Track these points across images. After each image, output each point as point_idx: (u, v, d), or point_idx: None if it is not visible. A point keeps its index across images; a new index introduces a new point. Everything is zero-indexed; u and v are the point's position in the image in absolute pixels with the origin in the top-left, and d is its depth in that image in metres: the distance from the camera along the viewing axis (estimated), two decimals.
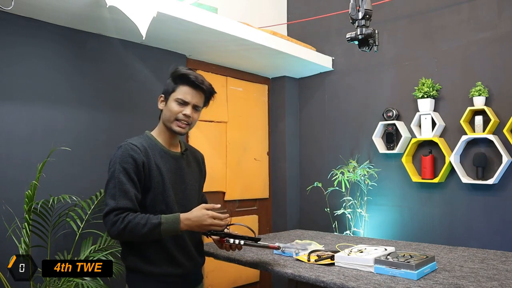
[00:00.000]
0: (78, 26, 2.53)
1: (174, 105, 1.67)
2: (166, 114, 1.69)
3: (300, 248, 1.98)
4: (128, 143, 1.62)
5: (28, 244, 2.07)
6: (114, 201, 1.51)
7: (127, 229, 1.49)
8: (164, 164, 1.65)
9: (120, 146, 1.62)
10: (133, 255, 1.60)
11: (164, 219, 1.53)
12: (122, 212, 1.51)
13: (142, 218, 1.51)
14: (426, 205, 3.14)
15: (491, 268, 1.66)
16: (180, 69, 1.69)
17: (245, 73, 3.74)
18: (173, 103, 1.67)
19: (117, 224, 1.49)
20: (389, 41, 3.38)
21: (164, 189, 1.62)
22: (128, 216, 1.50)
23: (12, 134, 2.29)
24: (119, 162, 1.57)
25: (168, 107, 1.68)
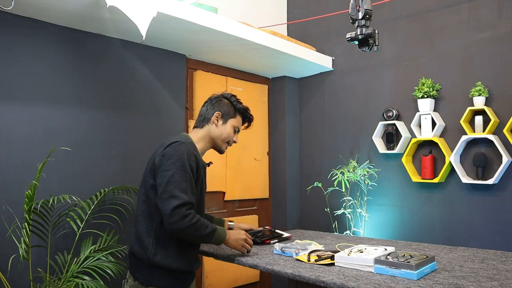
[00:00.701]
0: (78, 26, 2.53)
1: (231, 130, 1.91)
2: (221, 134, 1.89)
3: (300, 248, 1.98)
4: (189, 142, 1.74)
5: (28, 244, 2.07)
6: (186, 195, 1.61)
7: (196, 225, 1.62)
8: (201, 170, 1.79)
9: (182, 143, 1.71)
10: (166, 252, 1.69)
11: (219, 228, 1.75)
12: (191, 208, 1.63)
13: (205, 221, 1.69)
14: (426, 205, 3.14)
15: (491, 268, 1.66)
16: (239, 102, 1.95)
17: (245, 73, 3.74)
18: (231, 128, 1.90)
19: (188, 218, 1.59)
20: (389, 41, 3.38)
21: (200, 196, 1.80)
22: (196, 214, 1.64)
23: (12, 134, 2.29)
24: (186, 158, 1.66)
25: (226, 129, 1.89)
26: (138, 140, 2.85)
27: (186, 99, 3.22)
